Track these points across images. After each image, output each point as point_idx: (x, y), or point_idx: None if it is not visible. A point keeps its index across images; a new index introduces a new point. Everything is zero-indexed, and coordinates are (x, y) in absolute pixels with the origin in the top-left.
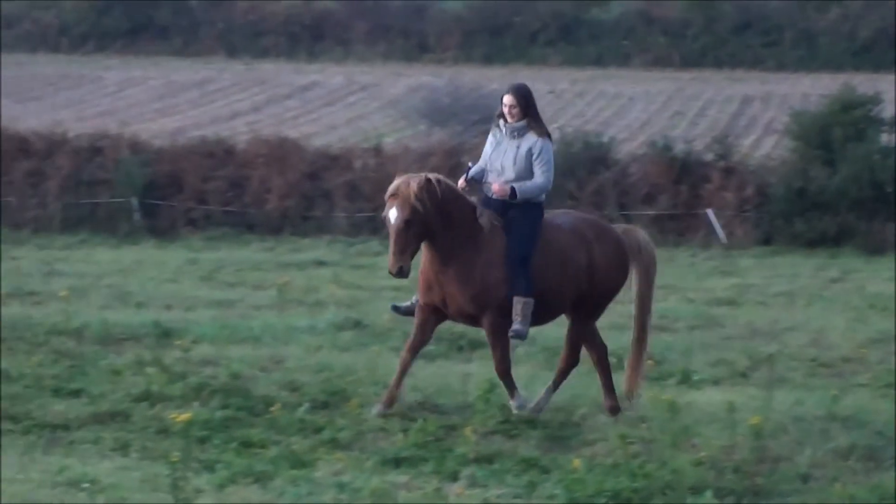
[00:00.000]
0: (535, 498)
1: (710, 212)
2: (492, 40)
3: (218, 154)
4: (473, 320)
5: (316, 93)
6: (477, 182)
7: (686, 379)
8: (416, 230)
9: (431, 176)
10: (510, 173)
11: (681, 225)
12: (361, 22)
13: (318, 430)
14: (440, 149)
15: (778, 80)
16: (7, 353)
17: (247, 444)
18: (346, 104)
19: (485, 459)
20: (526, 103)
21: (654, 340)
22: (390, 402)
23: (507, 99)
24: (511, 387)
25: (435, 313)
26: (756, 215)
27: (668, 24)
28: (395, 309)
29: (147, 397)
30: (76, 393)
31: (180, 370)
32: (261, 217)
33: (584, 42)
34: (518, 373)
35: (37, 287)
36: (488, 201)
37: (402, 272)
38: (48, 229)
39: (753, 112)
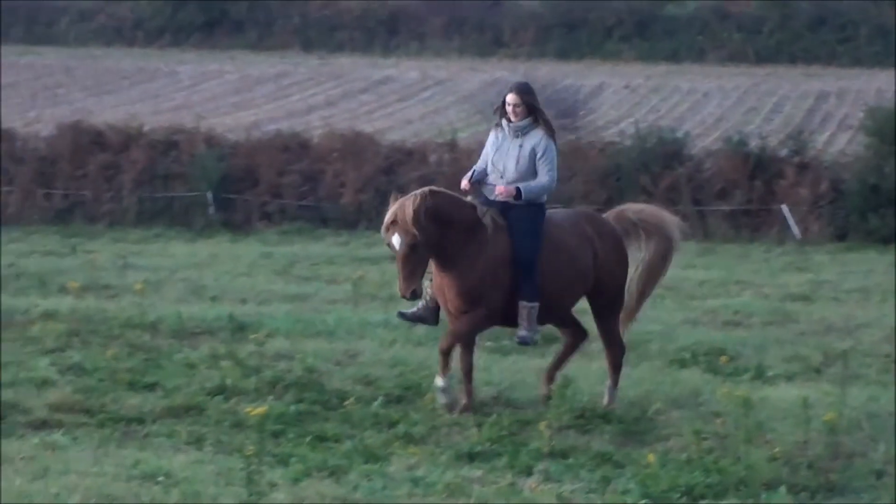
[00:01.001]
0: (609, 493)
1: (784, 207)
2: (567, 35)
3: (293, 148)
4: (465, 309)
5: (391, 87)
6: (480, 184)
7: (760, 375)
8: (421, 252)
9: (420, 193)
10: (512, 174)
11: (755, 220)
12: (437, 17)
13: (393, 424)
14: None
15: (853, 76)
16: (82, 346)
17: (321, 438)
18: (420, 99)
19: (559, 454)
20: (529, 102)
21: (729, 336)
22: (467, 408)
23: (511, 98)
24: (445, 365)
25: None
26: (830, 211)
27: (743, 20)
28: (402, 315)
29: (222, 391)
30: (151, 386)
31: (255, 364)
32: (335, 211)
33: (659, 37)
34: (592, 368)
35: (112, 280)
36: (490, 202)
37: (414, 295)
38: (123, 223)
39: (828, 108)
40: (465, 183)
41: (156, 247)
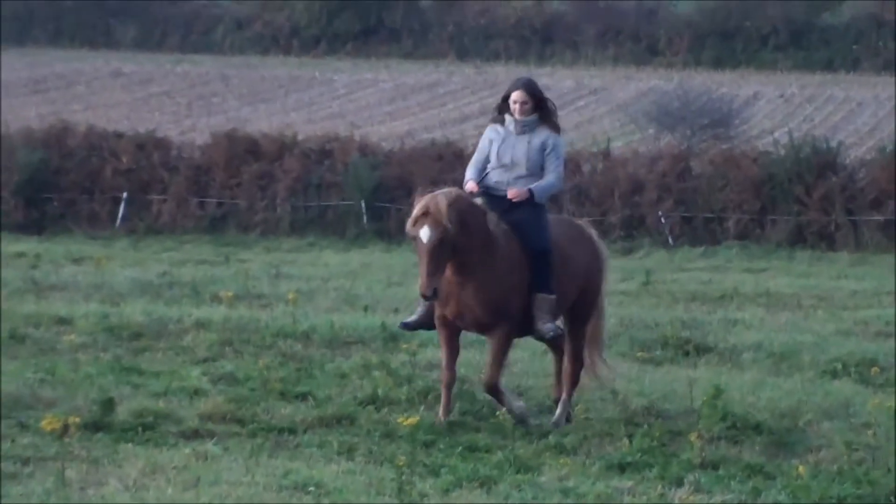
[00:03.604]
0: None
1: None
2: (722, 44)
3: (447, 157)
4: (488, 329)
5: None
6: (485, 186)
7: None
8: (447, 248)
9: (449, 191)
10: (522, 169)
11: None
12: (592, 25)
13: (544, 434)
14: (669, 153)
15: None
16: (234, 355)
17: (472, 449)
18: (575, 108)
19: (710, 465)
20: (537, 98)
21: (881, 347)
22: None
23: (518, 95)
24: (501, 398)
25: (453, 323)
26: None
27: None
28: (406, 326)
29: (373, 401)
30: (303, 396)
31: (407, 374)
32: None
33: (814, 46)
34: (744, 378)
35: (264, 290)
36: (492, 203)
37: (436, 294)
38: (276, 232)
39: None
40: (473, 185)
41: (309, 256)
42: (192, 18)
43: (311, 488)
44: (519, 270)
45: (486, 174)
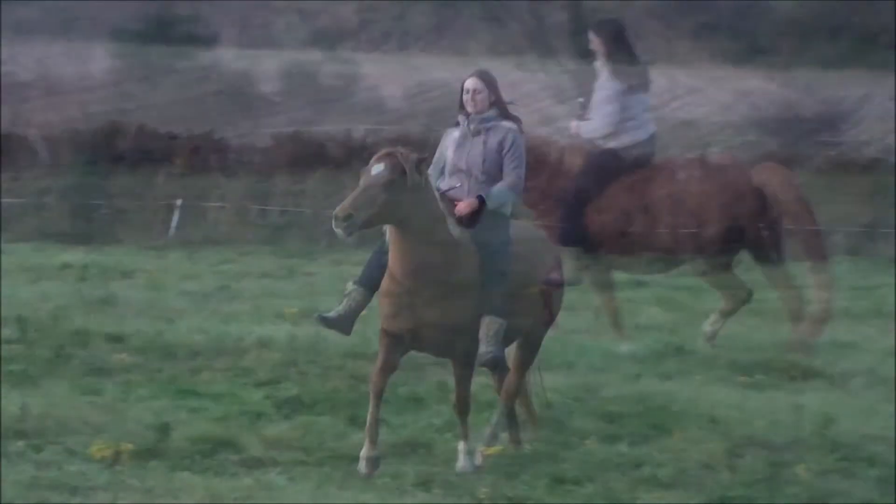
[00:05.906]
0: None
1: None
2: (828, 42)
3: (529, 162)
4: (444, 347)
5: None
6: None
7: None
8: (392, 198)
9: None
10: (478, 173)
11: None
12: (686, 21)
13: (637, 465)
14: (770, 160)
15: None
16: (300, 377)
17: (559, 480)
18: (669, 109)
19: (819, 500)
20: (493, 90)
21: None
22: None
23: (472, 83)
24: (466, 431)
25: (401, 340)
26: None
27: None
28: (324, 321)
29: (452, 427)
30: None
31: (488, 398)
32: (575, 235)
33: None
34: (856, 406)
35: (332, 305)
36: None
37: (350, 221)
38: (344, 242)
39: None
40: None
41: None
42: (252, 11)
43: None
44: (478, 286)
45: (448, 188)
